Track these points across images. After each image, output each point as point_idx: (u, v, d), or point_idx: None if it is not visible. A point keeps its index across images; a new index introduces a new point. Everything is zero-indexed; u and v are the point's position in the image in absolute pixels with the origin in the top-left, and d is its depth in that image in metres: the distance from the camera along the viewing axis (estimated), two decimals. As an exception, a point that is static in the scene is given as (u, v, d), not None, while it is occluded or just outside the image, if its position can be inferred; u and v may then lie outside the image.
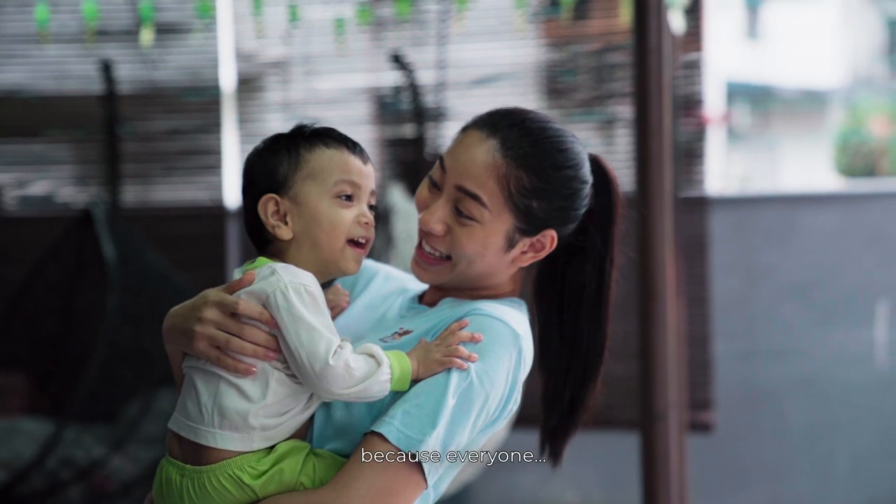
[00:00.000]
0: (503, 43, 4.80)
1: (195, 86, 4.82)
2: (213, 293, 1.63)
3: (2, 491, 4.10)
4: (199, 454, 1.60)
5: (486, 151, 1.70)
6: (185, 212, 4.83)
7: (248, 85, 4.90)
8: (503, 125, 1.72)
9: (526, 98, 4.86)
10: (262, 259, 1.66)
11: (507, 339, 1.67)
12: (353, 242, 1.68)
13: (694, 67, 4.86)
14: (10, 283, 4.71)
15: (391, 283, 1.89)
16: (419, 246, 1.76)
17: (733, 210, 5.13)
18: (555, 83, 4.93)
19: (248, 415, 1.58)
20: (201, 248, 4.73)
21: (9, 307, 4.56)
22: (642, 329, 2.86)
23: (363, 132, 4.91)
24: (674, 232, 4.20)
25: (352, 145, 1.69)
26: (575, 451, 5.25)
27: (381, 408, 1.63)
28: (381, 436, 1.59)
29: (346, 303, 1.85)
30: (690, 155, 4.88)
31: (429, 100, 4.76)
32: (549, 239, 1.74)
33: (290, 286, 1.58)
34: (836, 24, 16.96)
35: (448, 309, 1.73)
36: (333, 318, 1.82)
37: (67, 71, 4.85)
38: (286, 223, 1.65)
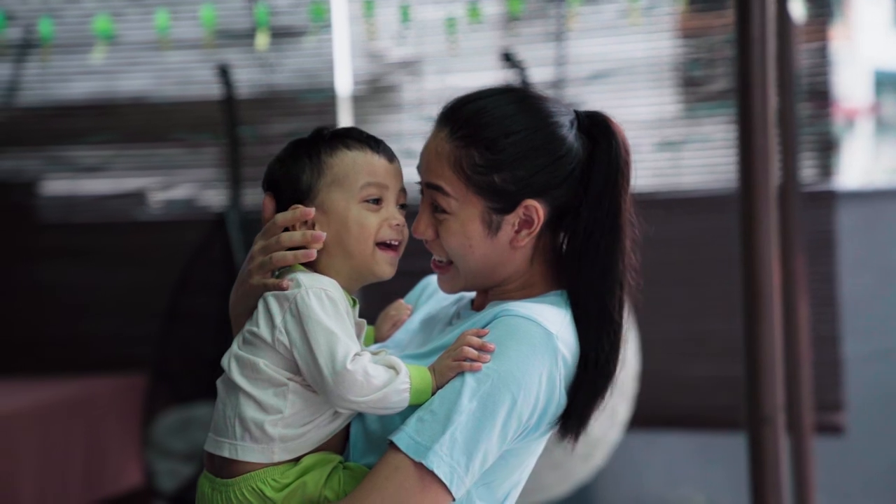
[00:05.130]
0: (628, 37, 4.72)
1: (311, 88, 4.87)
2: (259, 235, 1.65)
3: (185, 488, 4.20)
4: (226, 467, 1.60)
5: (438, 142, 1.67)
6: (302, 213, 4.85)
7: (367, 86, 4.92)
8: (452, 112, 1.68)
9: (658, 91, 4.78)
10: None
11: (537, 339, 1.60)
12: (385, 245, 1.64)
13: (824, 57, 4.71)
14: (156, 287, 4.82)
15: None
16: (432, 259, 1.73)
17: (866, 204, 4.96)
18: (686, 75, 4.83)
19: (265, 424, 1.56)
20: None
21: (168, 307, 4.65)
22: (747, 329, 2.76)
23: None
24: (800, 228, 4.10)
25: (375, 144, 1.65)
26: (703, 452, 5.19)
27: None
28: (394, 444, 1.55)
29: (406, 316, 1.83)
30: (826, 148, 4.74)
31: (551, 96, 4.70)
32: (534, 210, 1.66)
33: (311, 291, 1.56)
34: None
35: (489, 312, 1.67)
36: (394, 331, 1.81)
37: (189, 76, 4.94)
38: None
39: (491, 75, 4.59)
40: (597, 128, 1.70)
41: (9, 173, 5.14)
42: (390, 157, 1.67)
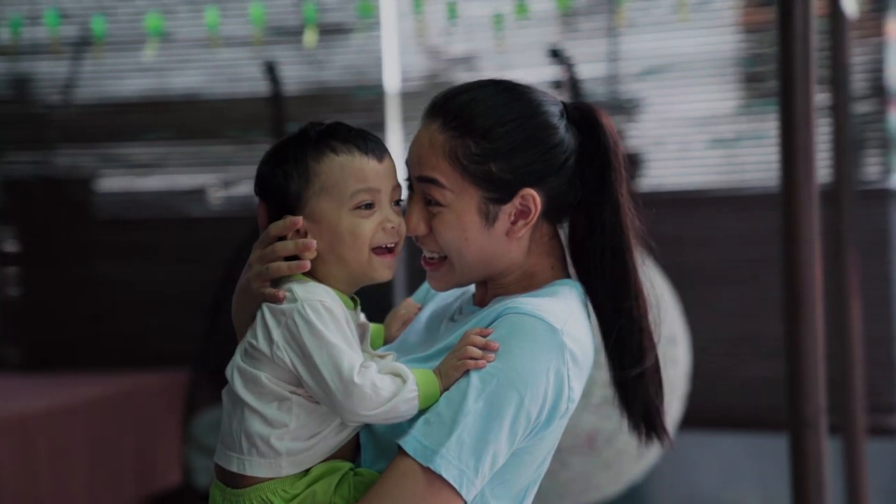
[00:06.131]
0: (681, 32, 4.66)
1: (360, 85, 4.87)
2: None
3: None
4: (235, 478, 1.58)
5: (430, 134, 1.63)
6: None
7: (421, 82, 4.91)
8: (442, 104, 1.65)
9: (713, 88, 4.72)
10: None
11: (542, 335, 1.56)
12: (381, 249, 1.61)
13: (881, 53, 4.63)
14: (208, 283, 4.85)
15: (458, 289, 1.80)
16: (422, 256, 1.69)
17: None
18: (744, 71, 4.77)
19: (271, 438, 1.54)
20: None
21: (211, 304, 4.67)
22: (788, 331, 2.71)
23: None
24: (853, 227, 4.02)
25: (363, 144, 1.60)
26: (756, 453, 5.11)
27: None
28: (402, 449, 1.52)
29: (415, 314, 1.80)
30: (884, 145, 4.66)
31: (603, 93, 4.68)
32: (531, 199, 1.63)
33: (307, 304, 1.52)
34: None
35: (493, 309, 1.64)
36: (403, 330, 1.78)
37: (239, 74, 4.96)
38: None
39: (543, 71, 4.56)
40: (585, 120, 1.68)
41: (65, 170, 5.20)
42: (380, 155, 1.61)
